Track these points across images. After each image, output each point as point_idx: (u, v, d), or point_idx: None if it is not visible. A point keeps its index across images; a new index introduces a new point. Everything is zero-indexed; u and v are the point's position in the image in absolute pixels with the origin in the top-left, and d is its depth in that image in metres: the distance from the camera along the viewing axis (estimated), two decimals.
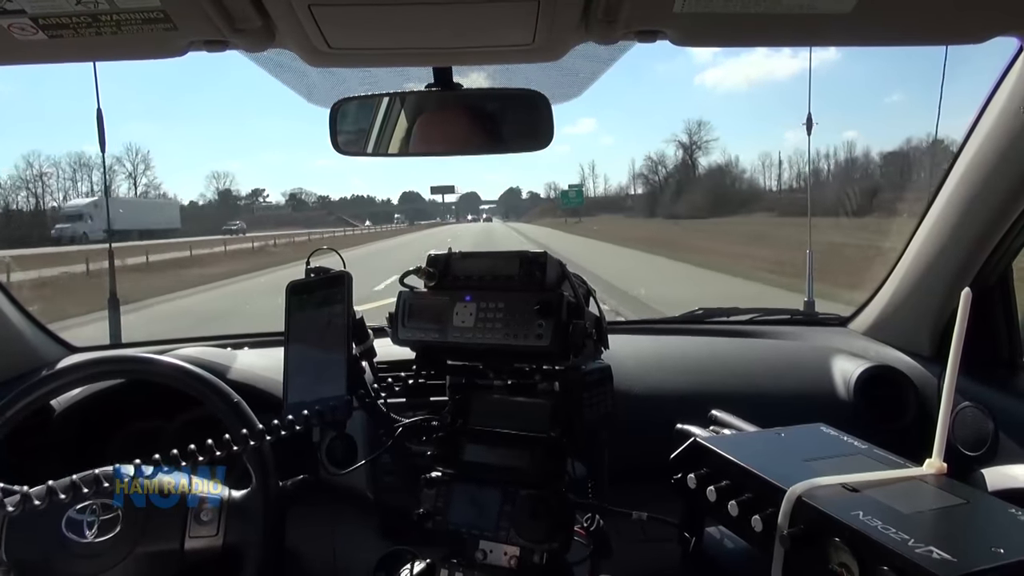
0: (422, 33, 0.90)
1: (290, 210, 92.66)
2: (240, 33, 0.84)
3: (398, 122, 1.35)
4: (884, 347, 1.62)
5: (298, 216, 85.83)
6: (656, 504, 1.06)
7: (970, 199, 1.33)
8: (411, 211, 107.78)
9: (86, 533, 1.11)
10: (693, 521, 1.02)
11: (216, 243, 30.32)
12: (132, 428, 1.56)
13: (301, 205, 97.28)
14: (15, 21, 0.78)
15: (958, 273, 1.40)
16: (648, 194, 76.57)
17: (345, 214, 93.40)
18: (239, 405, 1.18)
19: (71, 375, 1.24)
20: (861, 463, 0.88)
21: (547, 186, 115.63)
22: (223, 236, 40.67)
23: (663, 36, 0.87)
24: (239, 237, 39.43)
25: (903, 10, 0.84)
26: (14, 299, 1.63)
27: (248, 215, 78.36)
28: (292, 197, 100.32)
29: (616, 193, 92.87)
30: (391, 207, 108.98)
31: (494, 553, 1.00)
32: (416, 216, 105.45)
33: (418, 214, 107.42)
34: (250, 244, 30.72)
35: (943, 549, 0.67)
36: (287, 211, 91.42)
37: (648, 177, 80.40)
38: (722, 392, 1.50)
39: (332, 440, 1.07)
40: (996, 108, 1.24)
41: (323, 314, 1.08)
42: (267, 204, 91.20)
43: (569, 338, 0.98)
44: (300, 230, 52.25)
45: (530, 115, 1.29)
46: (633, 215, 63.23)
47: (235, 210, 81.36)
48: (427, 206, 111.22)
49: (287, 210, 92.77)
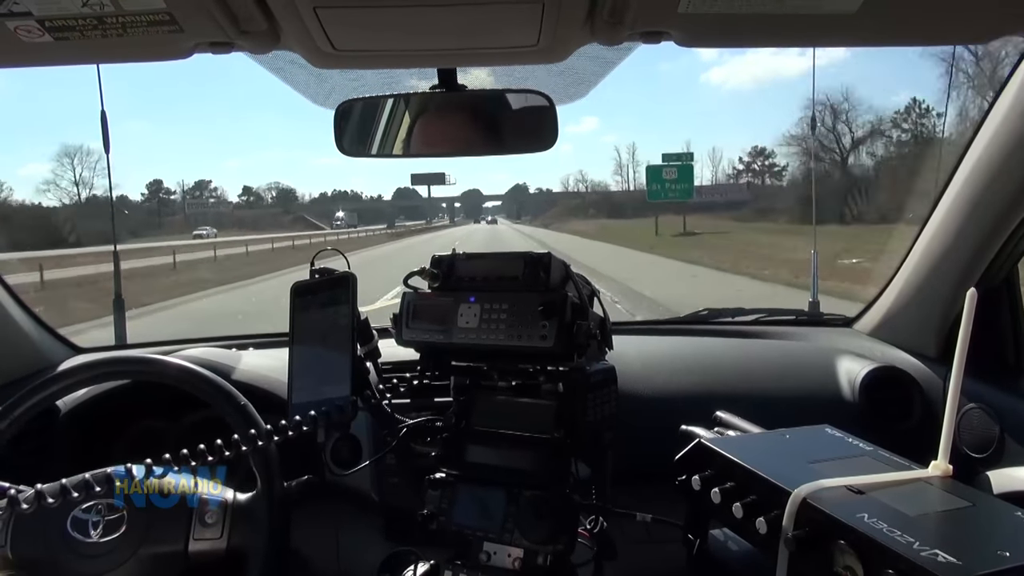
0: (427, 34, 0.91)
1: (234, 209, 68.74)
2: (245, 35, 0.84)
3: (402, 123, 1.35)
4: (889, 348, 1.61)
5: (246, 215, 64.75)
6: (660, 506, 1.06)
7: (976, 199, 1.33)
8: (408, 209, 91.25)
9: (91, 533, 1.12)
10: (697, 523, 1.01)
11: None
12: (137, 429, 1.56)
13: (258, 202, 74.39)
14: (21, 23, 0.79)
15: (964, 274, 1.40)
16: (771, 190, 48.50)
17: (315, 213, 70.87)
18: (245, 407, 1.18)
19: (76, 376, 1.24)
20: (866, 465, 0.87)
21: (566, 180, 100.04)
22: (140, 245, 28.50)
23: (668, 37, 0.87)
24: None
25: (908, 10, 0.84)
26: (20, 300, 1.63)
27: (186, 213, 59.25)
28: (247, 191, 75.86)
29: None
30: (381, 203, 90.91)
31: (498, 554, 1.00)
32: (412, 215, 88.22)
33: (413, 213, 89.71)
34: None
35: (948, 552, 0.66)
36: (229, 210, 66.62)
37: (762, 167, 54.14)
38: (727, 393, 1.49)
39: (337, 441, 1.08)
40: (1002, 108, 1.24)
41: (328, 315, 1.08)
42: (216, 200, 68.37)
43: (573, 339, 0.98)
44: (228, 237, 36.45)
45: (535, 116, 1.29)
46: (745, 217, 36.77)
47: (168, 208, 63.03)
48: (423, 203, 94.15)
49: (229, 208, 67.86)
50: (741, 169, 57.22)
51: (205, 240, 35.19)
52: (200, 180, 72.32)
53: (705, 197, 42.48)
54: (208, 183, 72.04)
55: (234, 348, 1.65)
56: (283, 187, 78.61)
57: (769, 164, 54.03)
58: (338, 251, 1.17)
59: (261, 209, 71.93)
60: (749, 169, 56.24)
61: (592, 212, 60.89)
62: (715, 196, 45.26)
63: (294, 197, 77.97)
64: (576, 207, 68.48)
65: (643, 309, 9.63)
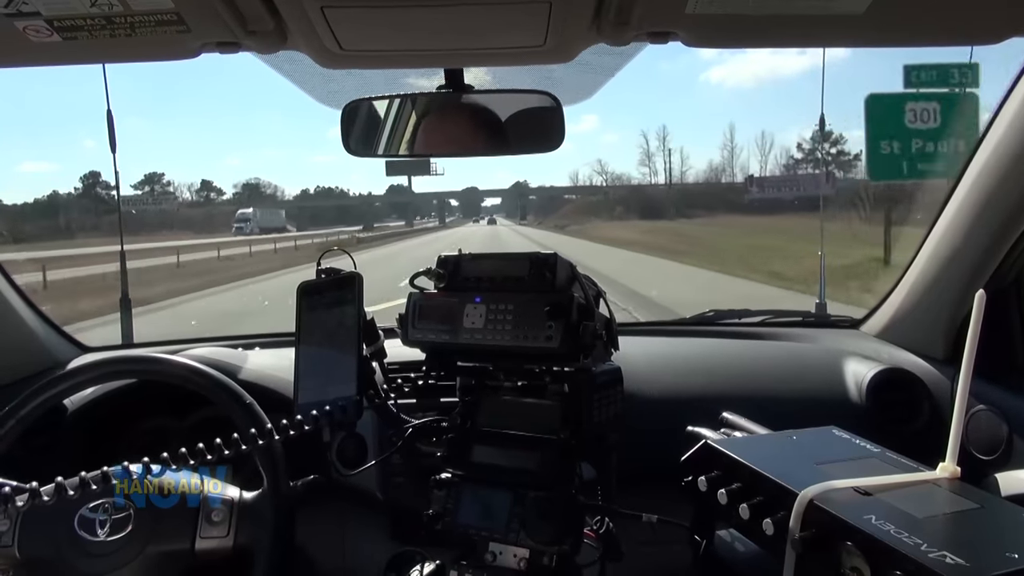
0: (434, 35, 0.91)
1: (180, 207, 56.32)
2: (253, 35, 0.84)
3: (409, 123, 1.36)
4: (897, 349, 1.61)
5: (195, 215, 54.37)
6: (666, 507, 1.05)
7: (984, 200, 1.32)
8: (400, 207, 79.61)
9: (98, 532, 1.12)
10: (704, 524, 1.01)
11: None
12: (143, 427, 1.57)
13: (217, 198, 63.70)
14: (31, 23, 0.79)
15: (972, 275, 1.39)
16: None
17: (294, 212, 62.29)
18: (250, 405, 1.18)
19: (84, 375, 1.25)
20: (874, 466, 0.87)
21: (574, 175, 76.69)
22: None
23: (675, 37, 0.87)
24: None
25: (917, 10, 0.83)
26: (28, 299, 1.64)
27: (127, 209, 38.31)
28: (206, 187, 65.07)
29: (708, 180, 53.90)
30: (371, 199, 79.35)
31: (503, 555, 1.00)
32: (403, 213, 76.62)
33: (404, 211, 77.59)
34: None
35: (956, 554, 0.66)
36: (175, 208, 53.49)
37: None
38: (733, 394, 1.49)
39: (342, 441, 1.08)
40: (1011, 109, 1.23)
41: (334, 315, 1.09)
42: (166, 195, 56.36)
43: (579, 339, 0.98)
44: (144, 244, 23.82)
45: (541, 117, 1.29)
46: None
47: (98, 203, 49.64)
48: (415, 199, 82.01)
49: (175, 207, 53.98)
50: (799, 159, 45.71)
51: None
52: (152, 172, 60.17)
53: (771, 191, 30.33)
54: (160, 176, 60.17)
55: (240, 347, 1.66)
56: (251, 182, 69.41)
57: (838, 152, 41.04)
58: (345, 251, 1.17)
59: (214, 207, 61.35)
60: (809, 158, 43.55)
61: (619, 211, 49.29)
62: (786, 189, 30.21)
63: (261, 194, 66.08)
64: (596, 205, 56.31)
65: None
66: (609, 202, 55.88)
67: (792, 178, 35.86)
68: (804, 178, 33.57)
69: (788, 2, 0.78)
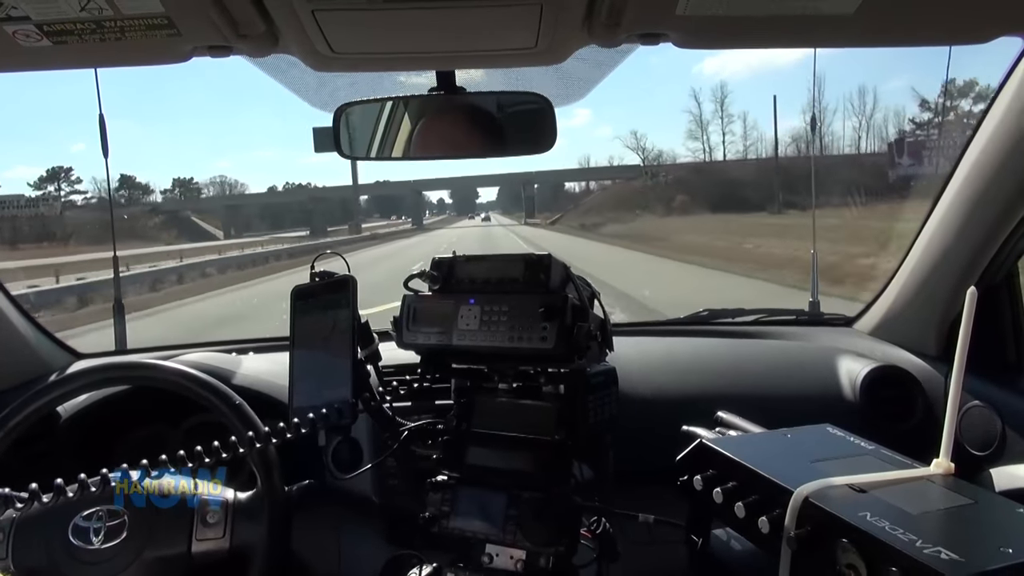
0: (425, 37, 0.91)
1: (64, 209, 39.85)
2: (244, 39, 0.84)
3: (401, 125, 1.35)
4: (890, 347, 1.61)
5: (88, 218, 36.95)
6: (662, 506, 1.06)
7: (976, 198, 1.33)
8: (384, 202, 70.00)
9: (92, 539, 1.11)
10: (700, 523, 1.01)
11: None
12: (138, 434, 1.56)
13: (142, 197, 47.92)
14: (20, 28, 0.79)
15: (964, 272, 1.40)
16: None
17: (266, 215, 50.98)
18: (242, 408, 1.18)
19: (77, 381, 1.24)
20: (868, 463, 0.87)
21: (584, 159, 57.26)
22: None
23: (666, 39, 0.88)
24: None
25: (906, 11, 0.84)
26: (20, 306, 1.63)
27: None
28: (126, 181, 46.57)
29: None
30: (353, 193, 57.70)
31: (500, 557, 1.00)
32: (388, 210, 68.36)
33: (389, 206, 69.39)
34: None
35: (951, 549, 0.66)
36: (56, 212, 37.76)
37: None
38: (728, 393, 1.49)
39: (337, 444, 1.08)
40: (1001, 106, 1.24)
41: (328, 318, 1.08)
42: (75, 192, 43.16)
43: (573, 340, 0.98)
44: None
45: (533, 118, 1.29)
46: None
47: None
48: (402, 192, 64.34)
49: (56, 211, 38.11)
50: (922, 121, 34.00)
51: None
52: (56, 167, 46.72)
53: (929, 162, 22.51)
54: (69, 171, 46.04)
55: (234, 352, 1.65)
56: (179, 177, 57.03)
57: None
58: (338, 254, 1.17)
59: (123, 208, 43.47)
60: (922, 128, 33.27)
61: (681, 201, 34.18)
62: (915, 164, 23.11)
63: (196, 191, 52.12)
64: (640, 192, 38.67)
65: None
66: (662, 187, 38.76)
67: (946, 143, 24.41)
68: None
69: (778, 3, 0.78)
